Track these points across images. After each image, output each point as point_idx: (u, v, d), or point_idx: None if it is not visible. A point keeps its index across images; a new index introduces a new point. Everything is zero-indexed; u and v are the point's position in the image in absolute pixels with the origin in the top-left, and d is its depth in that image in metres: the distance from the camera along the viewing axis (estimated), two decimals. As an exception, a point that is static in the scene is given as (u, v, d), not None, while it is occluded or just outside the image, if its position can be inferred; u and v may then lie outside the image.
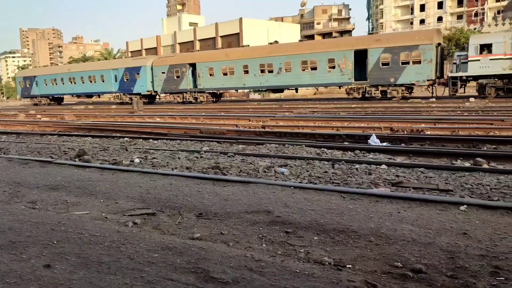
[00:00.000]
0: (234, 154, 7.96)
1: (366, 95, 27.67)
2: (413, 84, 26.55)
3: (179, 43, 65.67)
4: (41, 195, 4.91)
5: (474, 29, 45.03)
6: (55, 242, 3.28)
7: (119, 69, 38.64)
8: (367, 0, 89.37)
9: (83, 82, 41.85)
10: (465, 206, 3.86)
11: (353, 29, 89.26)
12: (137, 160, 7.49)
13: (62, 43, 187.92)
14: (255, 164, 6.84)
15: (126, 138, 11.46)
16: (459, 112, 16.19)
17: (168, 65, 36.38)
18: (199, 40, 63.03)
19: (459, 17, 73.01)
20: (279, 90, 34.25)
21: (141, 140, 11.18)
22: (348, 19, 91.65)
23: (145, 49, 69.44)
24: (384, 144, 9.28)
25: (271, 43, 37.59)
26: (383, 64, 26.86)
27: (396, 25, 79.05)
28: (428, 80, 25.80)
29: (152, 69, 37.23)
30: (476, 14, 70.50)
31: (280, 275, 2.64)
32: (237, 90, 37.95)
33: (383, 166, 6.36)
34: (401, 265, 2.76)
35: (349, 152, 8.17)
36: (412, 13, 78.45)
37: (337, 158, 7.29)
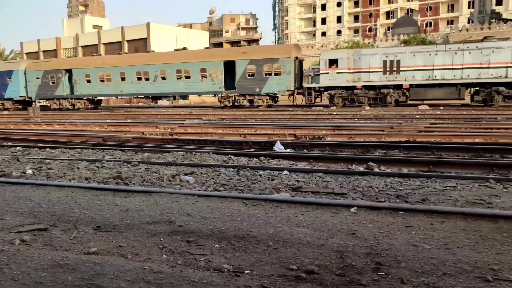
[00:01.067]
0: (139, 163, 7.73)
1: (236, 103, 29.99)
2: (275, 94, 29.18)
3: (82, 46, 62.26)
4: None
5: (369, 43, 49.05)
6: None
7: None
8: (273, 11, 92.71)
9: None
10: (355, 208, 4.18)
11: (261, 38, 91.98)
12: (29, 171, 6.93)
13: None
14: (160, 172, 6.71)
15: (18, 147, 10.54)
16: (356, 119, 17.45)
17: (43, 71, 35.86)
18: (104, 43, 60.31)
19: (356, 31, 79.11)
20: (157, 97, 35.14)
21: (37, 149, 10.36)
22: (255, 28, 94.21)
23: (43, 51, 64.69)
24: (288, 150, 9.67)
25: (177, 49, 37.85)
26: (249, 75, 29.24)
27: (300, 36, 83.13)
28: (288, 90, 28.61)
29: (25, 73, 36.22)
30: (370, 30, 76.89)
31: (178, 286, 2.63)
32: (117, 97, 38.36)
33: (285, 172, 6.63)
34: (296, 267, 2.90)
35: (255, 159, 8.37)
36: (314, 25, 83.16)
37: (243, 165, 7.43)
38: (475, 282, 2.60)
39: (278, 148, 9.89)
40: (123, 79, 32.85)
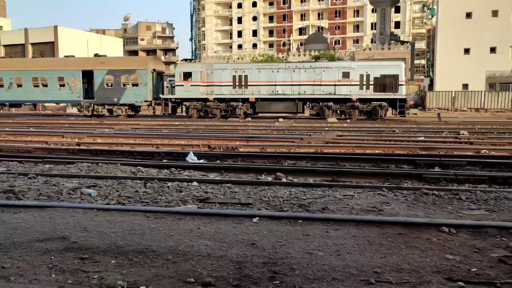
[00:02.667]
0: (37, 175, 7.18)
1: (95, 112, 30.19)
2: (133, 104, 29.99)
3: (-24, 47, 56.61)
4: None
5: (282, 57, 50.94)
6: None
7: None
8: (190, 22, 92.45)
9: None
10: (257, 218, 4.28)
11: (177, 47, 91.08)
12: None
13: None
14: (60, 185, 6.29)
15: None
16: (269, 130, 17.93)
17: None
18: (4, 45, 55.52)
19: (271, 45, 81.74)
20: (17, 105, 33.86)
21: None
22: (172, 37, 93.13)
23: None
24: (201, 161, 9.62)
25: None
26: (107, 85, 29.74)
27: (217, 47, 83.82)
28: (145, 101, 29.75)
29: None
30: (284, 44, 79.96)
31: (65, 307, 2.47)
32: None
33: (195, 183, 6.58)
34: (193, 280, 2.88)
35: (165, 170, 8.20)
36: (231, 37, 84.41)
37: (151, 176, 7.25)
38: (360, 285, 2.79)
39: (191, 159, 9.81)
40: None
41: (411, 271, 3.01)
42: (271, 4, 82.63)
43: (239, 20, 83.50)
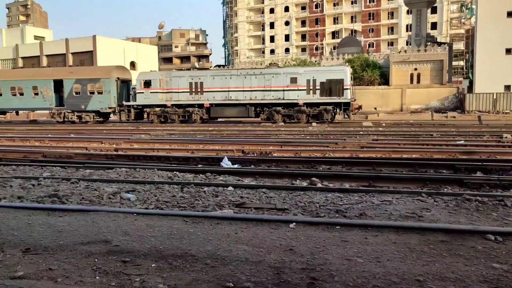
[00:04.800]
0: (79, 180, 7.43)
1: (66, 119, 32.42)
2: (98, 111, 31.95)
3: (22, 57, 59.38)
4: None
5: (315, 61, 50.64)
6: None
7: None
8: (223, 28, 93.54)
9: None
10: (294, 223, 4.26)
11: (210, 54, 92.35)
12: (-44, 191, 6.46)
13: None
14: (101, 190, 6.49)
15: None
16: (302, 135, 17.84)
17: None
18: (47, 55, 57.93)
19: (303, 50, 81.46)
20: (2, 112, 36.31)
21: (-34, 166, 9.69)
22: (205, 44, 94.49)
23: (-22, 62, 61.08)
24: (235, 166, 9.69)
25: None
26: (76, 93, 31.97)
27: (250, 53, 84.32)
28: (110, 108, 31.74)
29: None
30: (316, 48, 79.51)
31: (110, 309, 2.54)
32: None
33: (230, 188, 6.63)
34: (232, 285, 2.90)
35: (201, 175, 8.31)
36: (263, 43, 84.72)
37: (187, 181, 7.36)
38: (402, 293, 2.72)
39: (226, 164, 9.89)
40: None
41: (456, 280, 2.91)
42: (303, 8, 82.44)
43: (272, 25, 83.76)
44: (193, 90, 29.96)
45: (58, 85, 32.57)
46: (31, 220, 4.52)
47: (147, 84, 30.44)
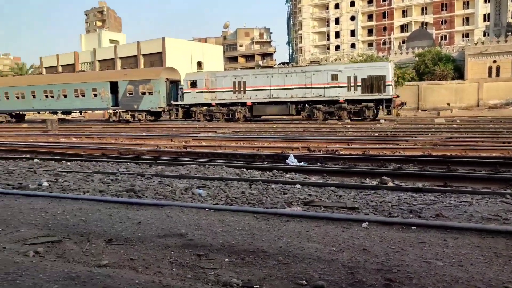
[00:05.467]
0: (152, 176, 7.79)
1: (120, 118, 34.60)
2: (149, 110, 33.58)
3: (99, 61, 63.37)
4: None
5: (383, 56, 48.92)
6: None
7: None
8: (287, 25, 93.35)
9: None
10: (367, 223, 4.14)
11: (275, 52, 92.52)
12: (45, 184, 7.04)
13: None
14: (173, 186, 6.75)
15: (36, 160, 10.73)
16: (370, 132, 17.35)
17: None
18: (120, 58, 61.32)
19: (370, 45, 79.03)
20: (66, 112, 39.71)
21: (53, 162, 10.53)
22: (269, 42, 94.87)
23: (62, 65, 66.04)
24: (301, 164, 9.64)
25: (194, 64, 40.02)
26: (129, 94, 34.06)
27: (314, 49, 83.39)
28: (159, 107, 33.27)
29: None
30: (384, 43, 76.79)
31: (187, 300, 2.63)
32: (38, 112, 42.20)
33: (298, 186, 6.61)
34: (305, 283, 2.88)
35: (267, 172, 8.37)
36: (328, 39, 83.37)
37: (255, 178, 7.43)
38: (489, 300, 2.55)
39: (292, 161, 9.87)
40: (34, 96, 37.99)
41: (550, 289, 2.67)
42: (370, 2, 80.00)
43: (337, 21, 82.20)
44: (237, 89, 30.79)
45: (114, 87, 34.75)
46: (112, 213, 4.80)
47: (194, 84, 31.67)
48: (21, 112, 41.70)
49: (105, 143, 16.26)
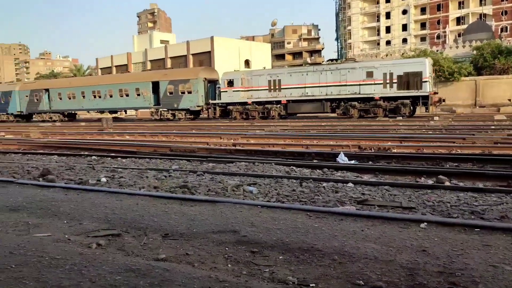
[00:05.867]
0: (204, 173, 7.93)
1: (162, 117, 35.73)
2: (188, 109, 34.68)
3: (150, 61, 65.41)
4: (0, 217, 4.75)
5: (437, 50, 46.93)
6: (13, 266, 3.18)
7: None
8: (336, 21, 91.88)
9: None
10: (425, 223, 3.98)
11: (323, 48, 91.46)
12: (104, 179, 7.36)
13: (29, 58, 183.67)
14: (224, 182, 6.84)
15: (94, 157, 11.24)
16: (424, 130, 16.73)
17: (30, 90, 44.59)
18: (171, 57, 62.95)
19: (423, 39, 76.11)
20: (113, 111, 42.08)
21: (110, 158, 11.00)
22: (317, 39, 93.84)
23: (116, 66, 68.77)
24: (352, 162, 9.45)
25: (245, 62, 40.82)
26: (169, 93, 35.25)
27: (364, 45, 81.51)
28: (198, 106, 34.16)
29: (19, 93, 45.11)
30: (438, 37, 73.67)
31: (244, 296, 2.64)
32: (88, 111, 45.15)
33: (350, 184, 6.48)
34: (362, 283, 2.81)
35: (318, 170, 8.28)
36: (378, 34, 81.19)
37: (306, 176, 7.38)
38: None
39: (342, 159, 9.70)
40: (83, 96, 40.41)
41: None
42: (423, -5, 77.14)
43: (387, 15, 79.86)
44: (272, 87, 31.19)
45: (155, 87, 36.07)
46: (167, 208, 4.93)
47: (230, 83, 32.38)
48: (72, 112, 44.36)
49: (157, 141, 16.75)
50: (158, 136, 18.73)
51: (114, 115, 42.70)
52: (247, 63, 60.53)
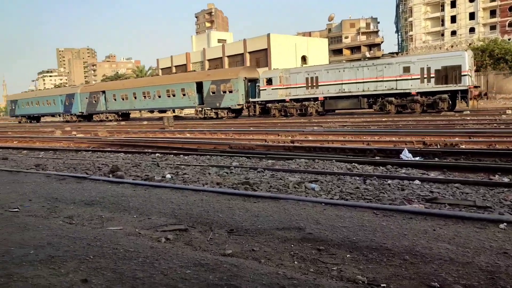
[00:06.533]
0: (264, 170, 7.96)
1: (205, 115, 37.22)
2: (229, 108, 35.57)
3: (208, 60, 66.77)
4: (77, 210, 5.06)
5: (509, 39, 43.78)
6: (91, 257, 3.36)
7: (62, 95, 51.97)
8: (396, 13, 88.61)
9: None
10: (505, 224, 3.72)
11: (382, 42, 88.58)
12: (168, 176, 7.61)
13: (96, 61, 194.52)
14: (285, 179, 6.82)
15: (157, 154, 11.66)
16: (495, 125, 15.71)
17: (89, 92, 48.38)
18: (228, 56, 63.85)
19: (492, 27, 71.31)
20: (162, 111, 44.19)
21: (172, 155, 11.36)
22: (376, 32, 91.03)
23: (175, 66, 70.89)
24: (417, 158, 9.08)
25: (302, 58, 40.95)
26: (212, 93, 36.62)
27: (426, 37, 77.88)
28: (238, 104, 35.01)
29: (80, 95, 49.05)
30: (510, 24, 68.71)
31: (313, 294, 2.61)
32: (140, 111, 48.42)
33: (417, 182, 6.23)
34: (438, 285, 2.68)
35: (381, 167, 8.03)
36: (443, 24, 77.21)
37: (369, 173, 7.18)
38: None
39: (406, 156, 9.35)
40: (135, 97, 42.98)
41: None
42: (492, -20, 72.28)
43: (453, 4, 75.60)
44: (309, 84, 31.48)
45: (199, 87, 37.61)
46: (231, 204, 5.00)
47: (269, 81, 33.06)
48: (126, 111, 47.16)
49: (217, 138, 17.06)
50: (217, 133, 19.07)
51: (163, 114, 44.85)
52: (303, 59, 60.03)
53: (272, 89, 33.02)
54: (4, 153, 13.79)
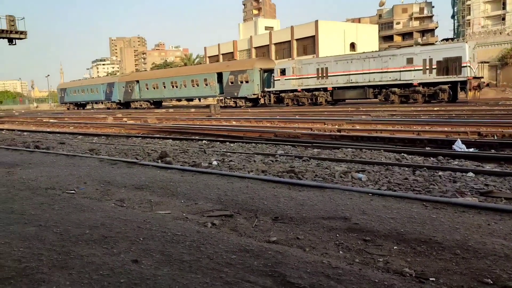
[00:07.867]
0: (309, 158, 7.91)
1: (225, 104, 39.37)
2: (245, 97, 38.11)
3: (255, 47, 66.67)
4: (128, 194, 5.26)
5: None
6: (142, 239, 3.49)
7: (104, 84, 56.68)
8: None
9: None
10: None
11: (436, 28, 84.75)
12: (215, 163, 7.74)
13: (146, 50, 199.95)
14: (331, 169, 6.74)
15: (204, 141, 11.88)
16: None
17: (125, 82, 51.99)
18: (275, 44, 63.45)
19: (560, 10, 66.15)
20: (189, 100, 47.37)
21: (218, 143, 11.52)
22: (430, 17, 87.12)
23: (222, 54, 71.39)
24: (471, 150, 8.69)
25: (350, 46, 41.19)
26: (230, 83, 39.13)
27: (486, 21, 73.55)
28: (254, 94, 37.47)
29: (118, 84, 52.89)
30: None
31: (358, 284, 2.58)
32: (172, 100, 50.88)
33: (470, 174, 5.96)
34: (491, 282, 2.57)
35: (431, 158, 7.76)
36: (504, 8, 72.52)
37: (419, 164, 6.95)
38: None
39: (459, 147, 8.97)
40: (164, 87, 46.11)
41: None
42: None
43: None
44: (320, 75, 33.02)
45: (220, 77, 40.19)
46: (276, 192, 5.02)
47: (283, 72, 34.95)
48: (158, 100, 49.97)
49: (262, 126, 17.09)
50: (263, 122, 19.11)
51: (191, 103, 48.50)
52: (352, 46, 58.60)
53: (286, 79, 34.77)
54: (62, 138, 14.59)
